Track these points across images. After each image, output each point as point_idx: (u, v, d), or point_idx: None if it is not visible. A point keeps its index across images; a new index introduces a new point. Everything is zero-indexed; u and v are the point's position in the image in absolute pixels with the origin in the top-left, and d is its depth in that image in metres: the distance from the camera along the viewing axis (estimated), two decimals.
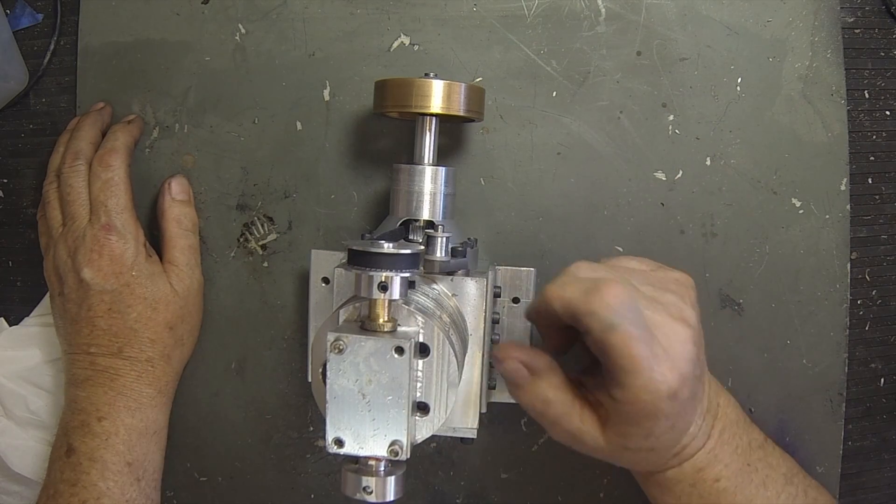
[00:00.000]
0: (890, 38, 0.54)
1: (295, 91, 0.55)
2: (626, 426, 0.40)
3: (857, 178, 0.54)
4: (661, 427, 0.40)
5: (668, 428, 0.41)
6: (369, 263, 0.37)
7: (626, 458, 0.43)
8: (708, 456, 0.44)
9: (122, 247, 0.50)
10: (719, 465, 0.45)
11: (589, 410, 0.42)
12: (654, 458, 0.43)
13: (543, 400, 0.42)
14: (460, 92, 0.46)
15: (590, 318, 0.38)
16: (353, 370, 0.37)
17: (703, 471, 0.44)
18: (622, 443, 0.41)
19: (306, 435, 0.57)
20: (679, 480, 0.45)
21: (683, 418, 0.41)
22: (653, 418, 0.39)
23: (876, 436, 0.57)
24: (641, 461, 0.43)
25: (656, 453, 0.42)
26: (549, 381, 0.42)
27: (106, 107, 0.55)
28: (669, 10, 0.53)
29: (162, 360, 0.52)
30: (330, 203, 0.55)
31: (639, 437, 0.41)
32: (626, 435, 0.41)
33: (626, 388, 0.39)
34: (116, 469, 0.49)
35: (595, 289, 0.38)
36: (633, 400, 0.39)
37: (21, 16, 0.56)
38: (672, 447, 0.43)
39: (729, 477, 0.45)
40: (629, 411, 0.39)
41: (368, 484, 0.38)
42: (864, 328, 0.56)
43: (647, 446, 0.41)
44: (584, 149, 0.53)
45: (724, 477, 0.45)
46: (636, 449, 0.41)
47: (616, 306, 0.38)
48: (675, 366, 0.39)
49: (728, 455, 0.45)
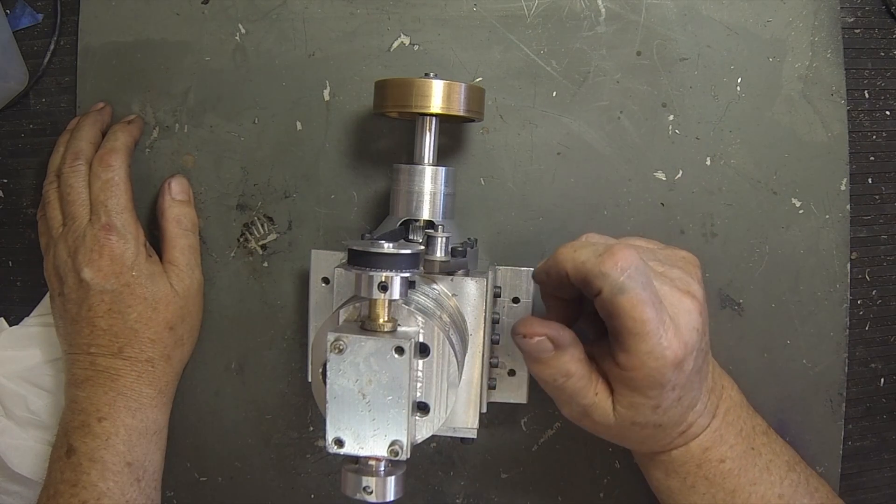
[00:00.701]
0: (890, 38, 0.54)
1: (295, 91, 0.55)
2: (633, 396, 0.41)
3: (857, 178, 0.54)
4: (668, 399, 0.41)
5: (674, 400, 0.41)
6: (369, 263, 0.37)
7: (633, 435, 0.43)
8: (713, 435, 0.45)
9: (122, 247, 0.50)
10: (724, 445, 0.45)
11: (602, 383, 0.42)
12: (661, 436, 0.43)
13: (565, 373, 0.42)
14: (460, 92, 0.46)
15: (601, 280, 0.38)
16: (353, 370, 0.37)
17: (708, 450, 0.45)
18: (631, 416, 0.41)
19: (306, 435, 0.57)
20: (685, 461, 0.45)
21: (689, 392, 0.42)
22: (659, 387, 0.40)
23: (876, 436, 0.57)
24: (648, 438, 0.43)
25: (663, 430, 0.43)
26: (572, 353, 0.42)
27: (106, 107, 0.55)
28: (669, 10, 0.53)
29: (162, 360, 0.52)
30: (330, 203, 0.55)
31: (647, 408, 0.41)
32: (634, 406, 0.41)
33: (632, 353, 0.39)
34: (116, 469, 0.49)
35: (608, 252, 0.39)
36: (638, 366, 0.39)
37: (21, 16, 0.56)
38: (679, 424, 0.43)
39: (734, 458, 0.45)
40: (635, 378, 0.40)
41: (368, 484, 0.38)
42: (864, 328, 0.56)
43: (655, 420, 0.42)
44: (584, 149, 0.53)
45: (729, 458, 0.45)
46: (644, 423, 0.42)
47: (628, 269, 0.38)
48: (680, 335, 0.40)
49: (733, 436, 0.45)
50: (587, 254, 0.40)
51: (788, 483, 0.46)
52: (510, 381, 0.51)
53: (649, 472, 0.47)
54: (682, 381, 0.40)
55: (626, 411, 0.41)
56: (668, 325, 0.39)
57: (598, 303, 0.40)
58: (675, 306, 0.40)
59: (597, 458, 0.55)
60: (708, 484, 0.45)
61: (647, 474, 0.48)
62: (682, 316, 0.40)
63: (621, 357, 0.40)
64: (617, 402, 0.42)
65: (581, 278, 0.40)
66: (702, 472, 0.45)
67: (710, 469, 0.45)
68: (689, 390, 0.42)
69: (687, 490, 0.45)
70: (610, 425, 0.42)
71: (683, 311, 0.41)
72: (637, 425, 0.42)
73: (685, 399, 0.42)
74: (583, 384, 0.42)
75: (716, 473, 0.45)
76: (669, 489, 0.46)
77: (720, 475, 0.45)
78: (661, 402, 0.41)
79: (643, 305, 0.38)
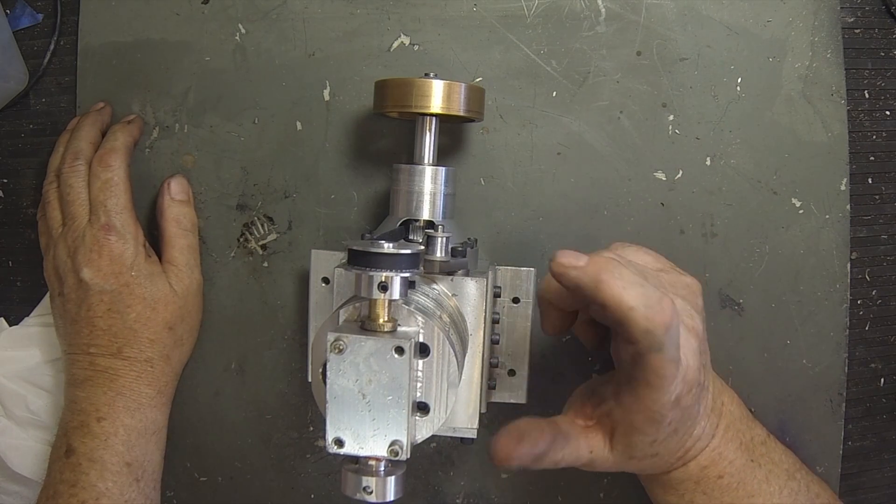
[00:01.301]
0: (890, 38, 0.54)
1: (295, 91, 0.54)
2: (630, 436, 0.41)
3: (857, 178, 0.54)
4: (663, 433, 0.41)
5: (670, 433, 0.41)
6: (369, 263, 0.37)
7: (630, 466, 0.43)
8: (713, 454, 0.45)
9: (122, 247, 0.50)
10: (723, 462, 0.45)
11: (593, 435, 0.42)
12: (659, 463, 0.43)
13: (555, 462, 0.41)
14: (460, 92, 0.46)
15: (644, 336, 0.36)
16: (353, 370, 0.37)
17: (707, 468, 0.45)
18: (629, 453, 0.42)
19: (306, 435, 0.57)
20: (683, 480, 0.45)
21: (685, 423, 0.42)
22: (656, 424, 0.40)
23: (876, 436, 0.57)
24: (646, 467, 0.44)
25: (660, 458, 0.43)
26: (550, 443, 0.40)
27: (106, 107, 0.55)
28: (669, 10, 0.53)
29: (161, 360, 0.52)
30: (330, 203, 0.55)
31: (644, 444, 0.41)
32: (631, 445, 0.41)
33: (640, 399, 0.39)
34: (116, 469, 0.49)
35: (660, 307, 0.36)
36: (641, 409, 0.40)
37: (21, 16, 0.56)
38: (676, 452, 0.43)
39: (733, 473, 0.45)
40: (635, 420, 0.40)
41: (368, 484, 0.38)
42: (864, 328, 0.56)
43: (651, 452, 0.42)
44: (584, 149, 0.53)
45: (728, 473, 0.45)
46: (641, 456, 0.42)
47: (670, 329, 0.37)
48: (686, 379, 0.40)
49: (732, 452, 0.45)
50: (637, 301, 0.36)
51: (788, 492, 0.46)
52: (510, 381, 0.51)
53: (649, 487, 0.48)
54: (678, 416, 0.41)
55: (623, 450, 0.42)
56: (679, 373, 0.39)
57: (626, 349, 0.38)
58: (684, 347, 0.39)
59: None
60: (706, 499, 0.45)
61: (647, 489, 0.48)
62: (691, 357, 0.40)
63: (627, 398, 0.40)
64: (614, 442, 0.42)
65: (619, 320, 0.37)
66: (700, 488, 0.45)
67: (708, 485, 0.45)
68: (684, 422, 0.42)
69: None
70: (610, 465, 0.43)
71: (690, 353, 0.40)
72: (635, 459, 0.42)
73: (681, 430, 0.42)
74: (574, 457, 0.42)
75: (714, 488, 0.45)
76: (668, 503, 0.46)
77: (718, 490, 0.45)
78: (657, 436, 0.41)
79: (672, 366, 0.38)
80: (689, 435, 0.43)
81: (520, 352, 0.50)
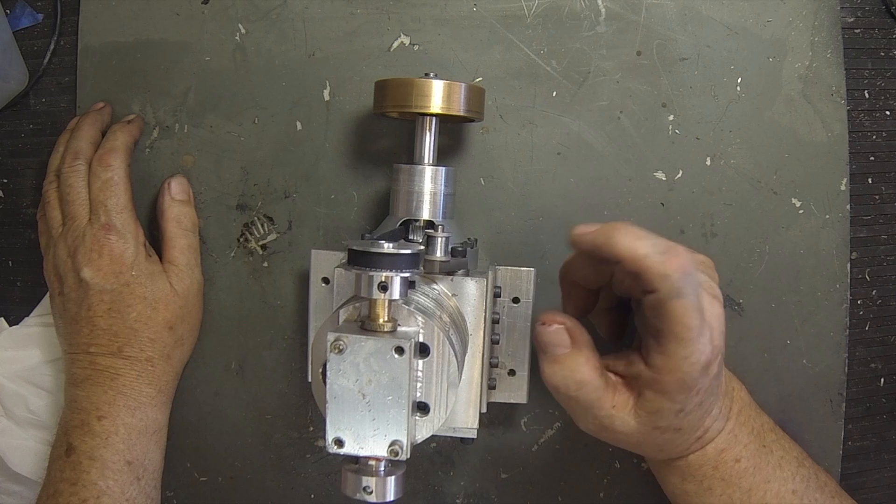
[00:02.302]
0: (890, 38, 0.54)
1: (295, 91, 0.55)
2: (660, 400, 0.40)
3: (857, 178, 0.54)
4: (691, 402, 0.41)
5: (696, 405, 0.41)
6: (369, 263, 0.37)
7: (652, 441, 0.43)
8: (728, 437, 0.45)
9: (122, 246, 0.50)
10: (738, 445, 0.45)
11: (620, 392, 0.42)
12: (680, 441, 0.43)
13: (578, 380, 0.41)
14: (460, 92, 0.46)
15: (661, 281, 0.38)
16: (353, 370, 0.37)
17: (724, 452, 0.45)
18: (653, 421, 0.41)
19: (306, 435, 0.57)
20: (702, 464, 0.45)
21: (709, 398, 0.42)
22: (687, 391, 0.40)
23: (876, 436, 0.57)
24: (667, 444, 0.43)
25: (682, 434, 0.43)
26: (587, 356, 0.42)
27: (106, 107, 0.55)
28: (669, 10, 0.53)
29: (162, 359, 0.52)
30: (330, 203, 0.55)
31: (670, 413, 0.41)
32: (659, 412, 0.41)
33: (669, 356, 0.39)
34: (116, 468, 0.49)
35: (672, 252, 0.38)
36: (673, 369, 0.39)
37: (21, 16, 0.56)
38: (697, 429, 0.43)
39: (748, 457, 0.45)
40: (666, 381, 0.40)
41: (368, 484, 0.38)
42: (864, 328, 0.56)
43: (676, 424, 0.42)
44: (584, 149, 0.53)
45: (744, 457, 0.45)
46: (665, 427, 0.41)
47: (686, 274, 0.38)
48: (713, 341, 0.40)
49: (746, 436, 0.46)
50: (649, 248, 0.38)
51: (800, 479, 0.46)
52: (510, 381, 0.51)
53: (665, 477, 0.47)
54: (705, 385, 0.41)
55: (649, 416, 0.41)
56: (705, 330, 0.39)
57: (647, 301, 0.39)
58: (709, 311, 0.40)
59: (597, 458, 0.55)
60: (724, 485, 0.45)
61: (662, 480, 0.48)
62: (715, 321, 0.40)
63: (657, 359, 0.40)
64: (640, 407, 0.41)
65: (636, 271, 0.39)
66: (718, 474, 0.45)
67: (727, 469, 0.45)
68: (709, 395, 0.42)
69: (703, 493, 0.45)
70: (630, 433, 0.42)
71: (716, 317, 0.41)
72: (658, 430, 0.42)
73: (706, 403, 0.42)
74: (597, 395, 0.41)
75: (732, 474, 0.45)
76: (686, 493, 0.46)
77: (736, 475, 0.45)
78: (685, 405, 0.41)
79: (694, 312, 0.38)
80: (709, 413, 0.43)
81: (520, 352, 0.50)
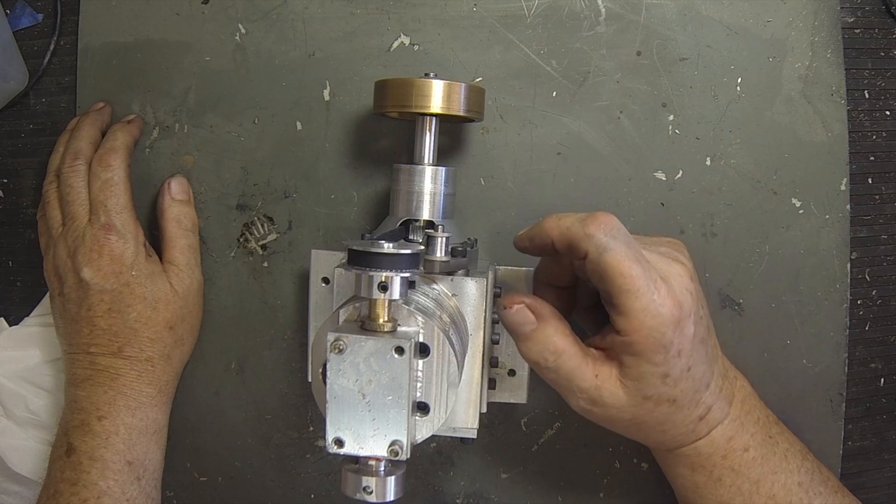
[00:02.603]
0: (890, 38, 0.54)
1: (295, 91, 0.55)
2: (639, 364, 0.41)
3: (857, 178, 0.54)
4: (675, 366, 0.41)
5: (683, 370, 0.41)
6: (369, 263, 0.37)
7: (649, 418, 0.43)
8: (734, 424, 0.45)
9: (122, 246, 0.50)
10: (746, 434, 0.45)
11: (602, 362, 0.42)
12: (680, 418, 0.43)
13: (554, 350, 0.42)
14: (460, 92, 0.46)
15: (586, 242, 0.40)
16: (353, 370, 0.37)
17: (732, 440, 0.45)
18: (641, 390, 0.41)
19: (306, 435, 0.57)
20: (711, 453, 0.45)
21: (698, 363, 0.42)
22: (662, 349, 0.40)
23: (876, 436, 0.57)
24: (666, 420, 0.43)
25: (679, 408, 0.42)
26: (556, 326, 0.42)
27: (106, 107, 0.55)
28: (669, 10, 0.53)
29: (162, 359, 0.52)
30: (330, 203, 0.55)
31: (655, 377, 0.41)
32: (642, 377, 0.41)
33: (628, 314, 0.40)
34: (117, 468, 0.49)
35: (591, 216, 0.41)
36: (637, 326, 0.40)
37: (21, 16, 0.56)
38: (695, 403, 0.43)
39: (756, 447, 0.45)
40: (636, 341, 0.40)
41: (368, 484, 0.38)
42: (864, 328, 0.56)
43: (668, 394, 0.41)
44: (584, 149, 0.53)
45: (752, 446, 0.45)
46: (657, 398, 0.41)
47: (611, 229, 0.40)
48: (673, 293, 0.40)
49: (752, 425, 0.46)
50: (572, 220, 0.41)
51: (805, 471, 0.47)
52: (510, 381, 0.51)
53: (675, 469, 0.47)
54: (686, 346, 0.41)
55: (635, 385, 0.41)
56: (659, 283, 0.40)
57: (586, 267, 0.41)
58: (665, 270, 0.41)
59: (597, 458, 0.55)
60: (734, 475, 0.45)
61: (672, 475, 0.48)
62: (674, 278, 0.41)
63: (619, 322, 0.40)
64: (624, 375, 0.41)
65: (567, 243, 0.41)
66: (727, 463, 0.45)
67: (735, 459, 0.45)
68: (697, 361, 0.42)
69: (713, 484, 0.45)
70: (622, 406, 0.42)
71: (674, 275, 0.41)
72: (650, 401, 0.42)
73: (695, 371, 0.42)
74: (576, 363, 0.42)
75: (741, 463, 0.45)
76: (696, 486, 0.46)
77: (745, 464, 0.45)
78: (668, 369, 0.41)
79: (628, 261, 0.39)
80: (706, 387, 0.43)
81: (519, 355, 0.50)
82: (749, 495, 0.45)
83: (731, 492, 0.45)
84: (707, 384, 0.43)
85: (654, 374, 0.41)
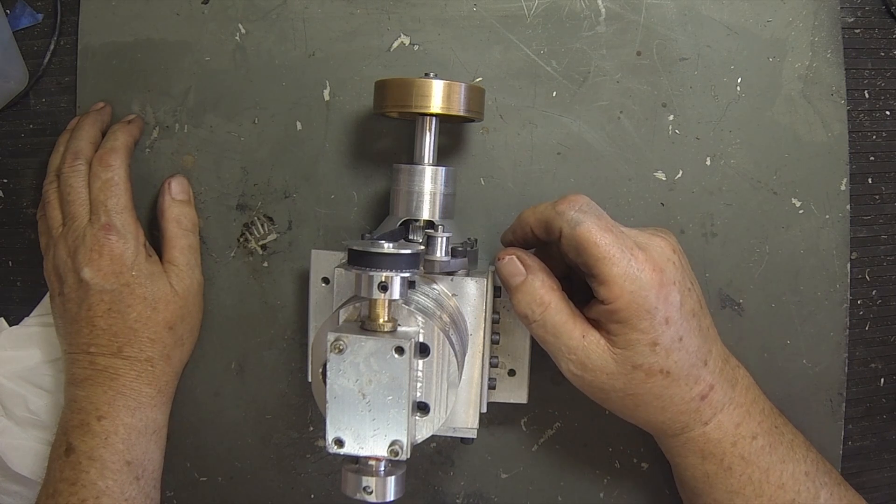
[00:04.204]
0: (890, 38, 0.54)
1: (295, 91, 0.55)
2: (625, 331, 0.41)
3: (857, 178, 0.54)
4: (664, 334, 0.41)
5: (674, 339, 0.42)
6: (369, 263, 0.37)
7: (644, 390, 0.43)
8: (740, 410, 0.45)
9: (122, 246, 0.50)
10: (753, 422, 0.45)
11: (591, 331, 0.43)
12: (677, 392, 0.43)
13: (540, 302, 0.43)
14: (460, 92, 0.46)
15: (559, 219, 0.42)
16: (353, 370, 0.37)
17: (740, 426, 0.45)
18: (630, 358, 0.42)
19: (306, 435, 0.57)
20: (720, 438, 0.45)
21: (690, 335, 0.42)
22: (647, 315, 0.41)
23: (876, 436, 0.57)
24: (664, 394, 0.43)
25: (675, 381, 0.43)
26: (543, 280, 0.44)
27: (106, 107, 0.55)
28: (669, 10, 0.53)
29: (162, 359, 0.52)
30: (330, 203, 0.55)
31: (643, 345, 0.41)
32: (629, 346, 0.42)
33: (608, 282, 0.41)
34: (116, 468, 0.49)
35: (563, 197, 0.43)
36: (618, 293, 0.41)
37: (21, 16, 0.56)
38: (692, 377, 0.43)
39: (763, 435, 0.46)
40: (619, 308, 0.41)
41: (368, 484, 0.38)
42: (864, 328, 0.56)
43: (659, 364, 0.42)
44: (584, 149, 0.53)
45: (760, 434, 0.45)
46: (648, 367, 0.42)
47: (581, 205, 0.42)
48: (652, 259, 0.41)
49: (758, 413, 0.46)
50: (545, 205, 0.44)
51: (811, 461, 0.47)
52: (510, 381, 0.51)
53: (685, 460, 0.47)
54: (673, 315, 0.41)
55: (623, 353, 0.42)
56: (636, 250, 0.41)
57: (562, 246, 0.42)
58: (645, 242, 0.43)
59: (597, 458, 0.55)
60: (744, 463, 0.45)
61: (682, 465, 0.47)
62: (654, 248, 0.42)
63: (601, 291, 0.41)
64: (613, 344, 0.42)
65: (543, 227, 0.43)
66: (737, 451, 0.45)
67: (745, 446, 0.45)
68: (688, 332, 0.42)
69: (724, 473, 0.45)
70: (612, 372, 0.42)
71: (654, 245, 0.43)
72: (640, 370, 0.42)
73: (688, 342, 0.42)
74: (563, 318, 0.43)
75: (750, 451, 0.45)
76: (706, 474, 0.46)
77: (755, 452, 0.45)
78: (656, 337, 0.41)
79: (600, 230, 0.41)
80: (703, 362, 0.43)
81: (520, 352, 0.50)
82: (759, 484, 0.45)
83: (741, 481, 0.45)
84: (704, 360, 0.44)
85: (641, 341, 0.41)
